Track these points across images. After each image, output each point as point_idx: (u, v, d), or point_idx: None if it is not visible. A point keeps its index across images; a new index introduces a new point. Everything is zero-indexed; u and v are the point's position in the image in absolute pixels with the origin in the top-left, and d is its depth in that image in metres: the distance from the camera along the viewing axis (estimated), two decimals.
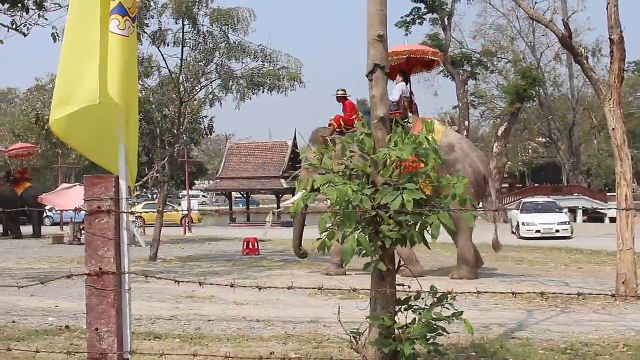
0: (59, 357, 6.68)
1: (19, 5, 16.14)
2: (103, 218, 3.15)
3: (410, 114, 15.77)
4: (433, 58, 16.73)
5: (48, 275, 15.71)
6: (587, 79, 46.03)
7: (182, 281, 3.96)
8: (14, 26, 17.76)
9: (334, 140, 16.63)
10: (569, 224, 30.77)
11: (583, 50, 15.91)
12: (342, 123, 16.40)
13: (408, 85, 16.21)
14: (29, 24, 17.59)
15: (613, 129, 11.30)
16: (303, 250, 16.69)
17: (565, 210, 35.13)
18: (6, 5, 16.42)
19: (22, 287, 4.91)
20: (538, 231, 29.80)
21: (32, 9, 16.45)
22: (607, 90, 11.43)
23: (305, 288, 5.43)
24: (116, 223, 3.19)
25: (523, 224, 30.73)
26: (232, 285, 3.96)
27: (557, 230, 29.82)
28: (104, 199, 3.16)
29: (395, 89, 15.86)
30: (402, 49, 16.36)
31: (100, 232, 3.15)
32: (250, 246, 21.85)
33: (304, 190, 5.91)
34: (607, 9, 11.25)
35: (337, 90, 17.44)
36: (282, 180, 46.61)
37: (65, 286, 12.31)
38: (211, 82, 22.14)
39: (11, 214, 32.15)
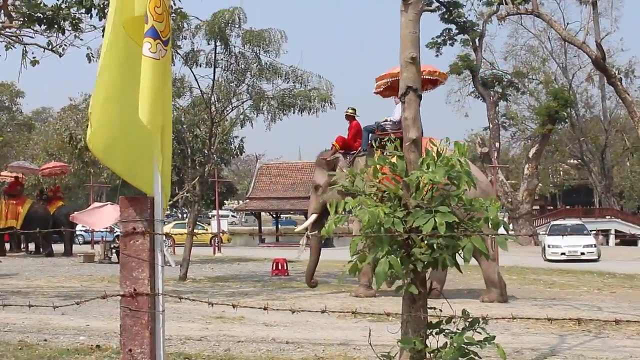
0: None
1: (56, 26, 16.37)
2: (138, 239, 3.17)
3: None
4: (431, 78, 16.61)
5: (79, 294, 15.82)
6: (620, 101, 45.81)
7: (215, 303, 3.97)
8: (50, 47, 18.02)
9: (333, 161, 17.07)
10: (595, 247, 30.47)
11: (616, 72, 15.73)
12: (343, 144, 16.69)
13: None
14: (64, 44, 17.84)
15: None
16: (314, 281, 16.76)
17: (594, 233, 34.68)
18: (43, 27, 16.66)
19: (57, 307, 4.93)
20: (563, 254, 29.70)
21: (68, 30, 16.68)
22: None
23: (340, 312, 5.41)
24: (151, 244, 3.20)
25: (549, 246, 30.67)
26: (265, 308, 3.95)
27: (582, 253, 29.64)
28: (139, 221, 3.18)
29: (397, 109, 15.85)
30: (397, 70, 16.17)
31: (135, 254, 3.17)
32: (280, 267, 21.84)
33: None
34: None
35: (347, 109, 17.57)
36: None
37: (96, 305, 12.40)
38: (242, 103, 22.25)
39: (44, 233, 32.51)
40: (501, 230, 5.62)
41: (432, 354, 5.72)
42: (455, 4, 47.46)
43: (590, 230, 33.99)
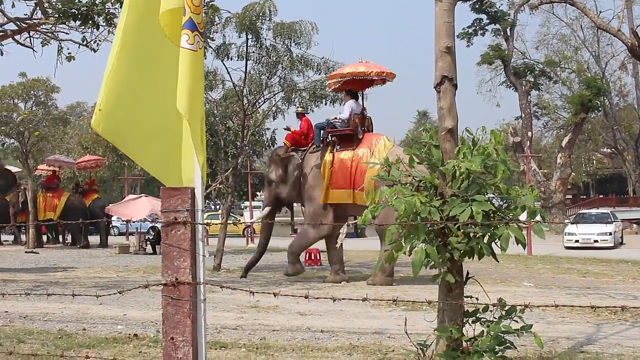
0: None
1: (90, 22, 16.50)
2: (180, 229, 3.19)
3: (360, 129, 16.86)
4: (376, 78, 17.33)
5: (116, 284, 15.96)
6: None
7: (256, 292, 3.98)
8: (84, 42, 18.18)
9: (287, 157, 17.67)
10: (611, 235, 30.85)
11: None
12: (294, 142, 17.78)
13: (359, 102, 17.42)
14: (98, 40, 17.99)
15: None
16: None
17: (618, 222, 34.69)
18: (78, 23, 16.80)
19: (99, 296, 4.99)
20: (577, 241, 30.35)
21: (102, 26, 16.80)
22: None
23: (380, 300, 5.41)
24: (192, 234, 3.22)
25: (566, 234, 31.25)
26: (306, 297, 3.95)
27: (595, 241, 30.21)
28: (181, 211, 3.20)
29: (345, 107, 17.29)
30: (348, 72, 17.31)
31: (176, 243, 3.18)
32: (313, 257, 21.85)
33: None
34: None
35: (297, 107, 18.17)
36: None
37: (133, 295, 12.49)
38: (274, 95, 22.25)
39: (80, 224, 32.88)
40: (538, 219, 5.59)
41: (468, 343, 5.70)
42: None
43: (622, 220, 33.98)
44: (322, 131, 17.22)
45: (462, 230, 5.34)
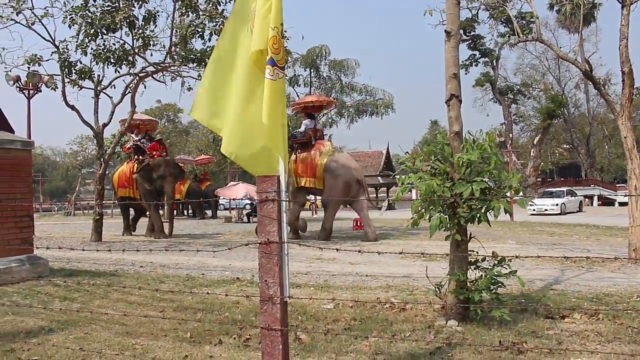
0: (241, 299, 6.84)
1: (204, 63, 16.67)
2: (270, 205, 3.17)
3: (313, 138, 17.52)
4: (323, 104, 18.73)
5: (224, 242, 16.16)
6: (600, 101, 43.96)
7: (325, 248, 3.96)
8: (199, 78, 18.33)
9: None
10: (557, 205, 30.89)
11: (600, 80, 14.99)
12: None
13: (314, 120, 18.21)
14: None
15: (625, 137, 10.66)
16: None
17: (574, 197, 34.51)
18: (195, 64, 17.01)
19: (216, 251, 5.02)
20: (534, 210, 30.55)
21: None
22: (620, 108, 10.81)
23: (412, 254, 5.34)
24: (278, 208, 3.19)
25: (529, 205, 31.24)
26: (359, 251, 3.89)
27: (546, 210, 30.36)
28: (270, 191, 3.18)
29: (303, 125, 17.93)
30: (303, 100, 18.71)
31: (268, 214, 3.17)
32: (359, 224, 21.77)
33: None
34: (619, 48, 10.64)
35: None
36: (379, 178, 46.55)
37: (235, 250, 12.64)
38: (330, 111, 22.24)
39: (198, 203, 33.35)
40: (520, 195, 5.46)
41: (471, 283, 5.65)
42: (478, 36, 46.68)
43: (582, 196, 33.68)
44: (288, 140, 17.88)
45: (466, 204, 5.25)
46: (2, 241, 8.61)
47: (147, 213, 19.76)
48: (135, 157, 20.00)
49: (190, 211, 38.72)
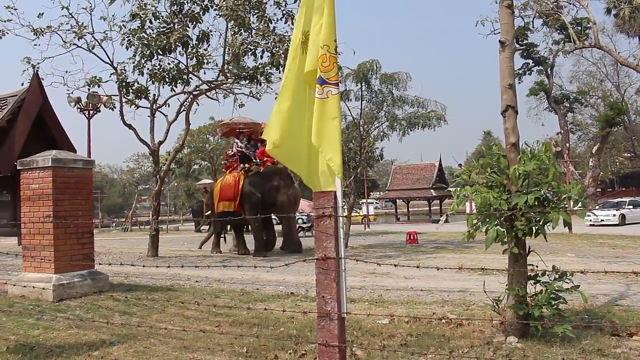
0: (297, 315, 6.81)
1: (255, 80, 16.98)
2: (327, 220, 3.18)
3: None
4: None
5: (277, 259, 16.26)
6: None
7: (382, 264, 3.95)
8: (251, 94, 18.70)
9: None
10: (614, 216, 30.53)
11: None
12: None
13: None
14: (261, 92, 18.49)
15: None
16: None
17: (630, 207, 32.96)
18: (247, 81, 17.32)
19: (273, 267, 5.06)
20: (590, 220, 29.97)
21: (263, 82, 17.22)
22: None
23: (471, 268, 5.27)
24: (335, 224, 3.21)
25: (587, 216, 29.56)
26: (418, 267, 3.85)
27: (602, 220, 30.05)
28: (327, 207, 3.19)
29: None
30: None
31: (325, 230, 3.18)
32: (412, 237, 21.57)
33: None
34: None
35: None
36: (432, 190, 46.13)
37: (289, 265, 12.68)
38: (381, 124, 22.15)
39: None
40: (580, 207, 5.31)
41: (531, 298, 5.51)
42: (531, 44, 45.81)
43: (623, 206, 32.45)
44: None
45: (524, 216, 5.14)
46: (66, 257, 8.94)
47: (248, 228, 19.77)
48: (242, 165, 18.46)
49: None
